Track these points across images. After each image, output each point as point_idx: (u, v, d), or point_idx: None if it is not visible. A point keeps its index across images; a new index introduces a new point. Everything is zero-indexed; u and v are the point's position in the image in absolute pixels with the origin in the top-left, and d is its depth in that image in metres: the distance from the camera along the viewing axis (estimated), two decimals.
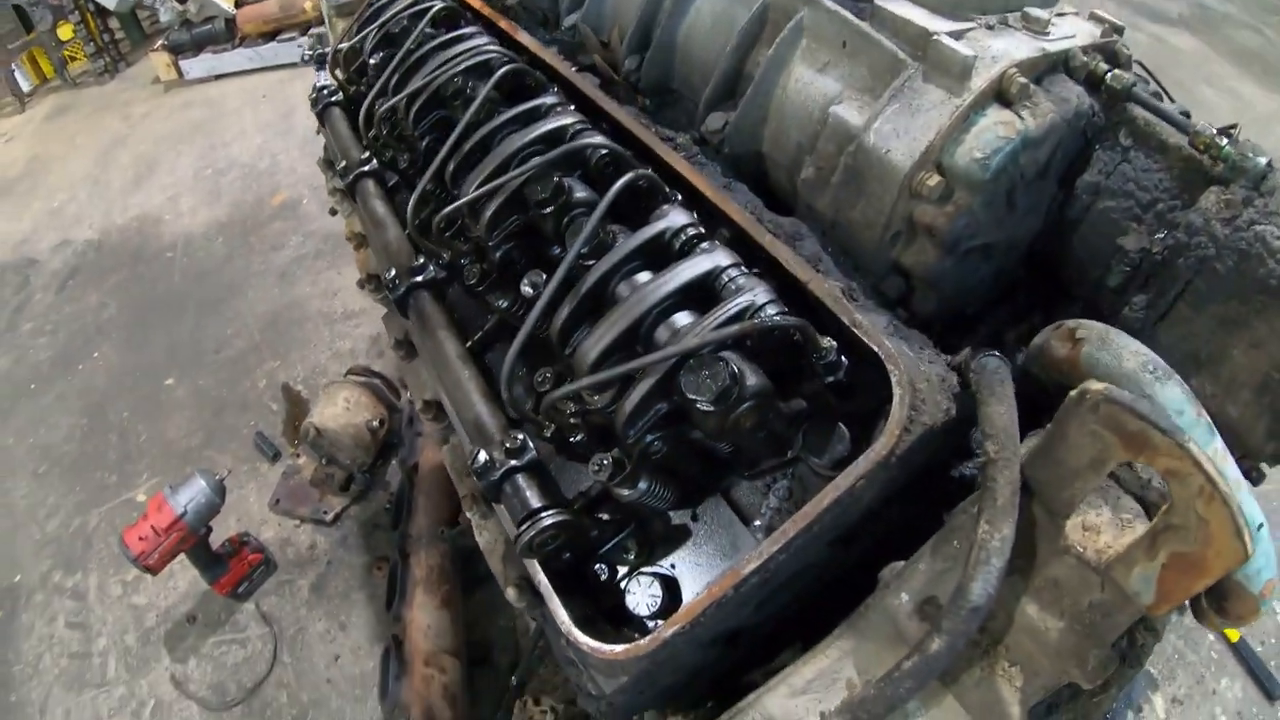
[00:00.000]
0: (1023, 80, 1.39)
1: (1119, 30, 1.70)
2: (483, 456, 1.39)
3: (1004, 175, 1.38)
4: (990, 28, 1.53)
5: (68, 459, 4.24)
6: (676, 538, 1.47)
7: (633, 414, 1.22)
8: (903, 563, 1.31)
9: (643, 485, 1.28)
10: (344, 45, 2.34)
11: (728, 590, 1.16)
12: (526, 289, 1.43)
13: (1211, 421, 1.14)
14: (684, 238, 1.31)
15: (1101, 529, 1.12)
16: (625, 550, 1.42)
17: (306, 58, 2.62)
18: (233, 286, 5.11)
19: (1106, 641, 1.13)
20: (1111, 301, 1.54)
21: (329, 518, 3.85)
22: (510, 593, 1.43)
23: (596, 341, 1.28)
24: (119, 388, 4.55)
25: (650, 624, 1.37)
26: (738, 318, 1.18)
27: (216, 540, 3.45)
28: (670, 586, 1.43)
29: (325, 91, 2.39)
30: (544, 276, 1.44)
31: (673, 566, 1.46)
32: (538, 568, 1.31)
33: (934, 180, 1.34)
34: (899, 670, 1.08)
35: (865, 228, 1.45)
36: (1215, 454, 1.05)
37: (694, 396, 1.12)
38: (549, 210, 1.48)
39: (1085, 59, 1.51)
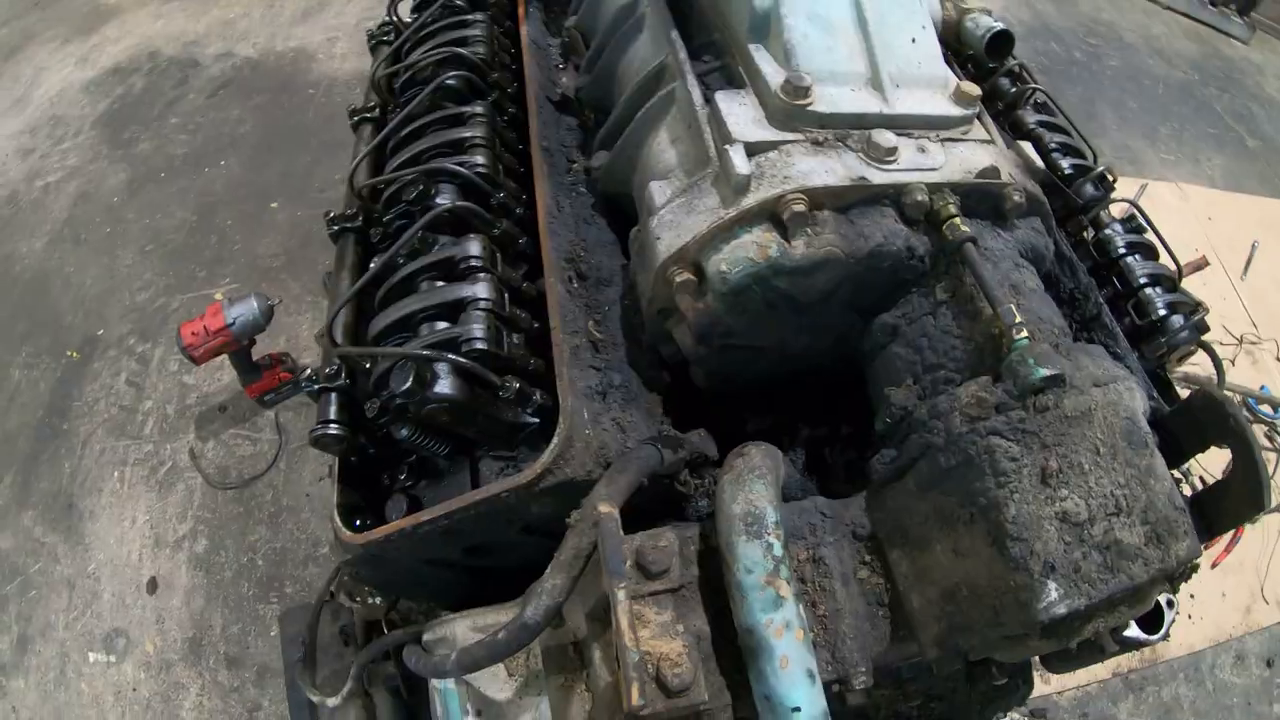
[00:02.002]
0: (799, 208, 1.40)
1: (1036, 171, 1.71)
2: (308, 371, 1.76)
3: (750, 293, 1.44)
4: (821, 143, 1.54)
5: (171, 246, 4.83)
6: (435, 478, 1.79)
7: (375, 383, 1.53)
8: None
9: (404, 432, 1.59)
10: None
11: (392, 532, 1.52)
12: (372, 265, 1.75)
13: (794, 598, 1.19)
14: (466, 265, 1.57)
15: (650, 625, 1.24)
16: (400, 473, 1.76)
17: None
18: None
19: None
20: (874, 443, 1.56)
21: None
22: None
23: (379, 321, 1.59)
24: (231, 197, 5.09)
25: None
26: (448, 344, 1.45)
27: (259, 353, 3.86)
28: (415, 507, 1.76)
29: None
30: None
31: (424, 496, 1.79)
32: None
33: (682, 277, 1.44)
34: (489, 640, 1.38)
35: (643, 295, 1.60)
36: (767, 625, 1.17)
37: (392, 387, 1.42)
38: (413, 209, 1.77)
39: (924, 197, 1.48)
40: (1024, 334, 1.32)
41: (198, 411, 4.22)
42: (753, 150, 1.51)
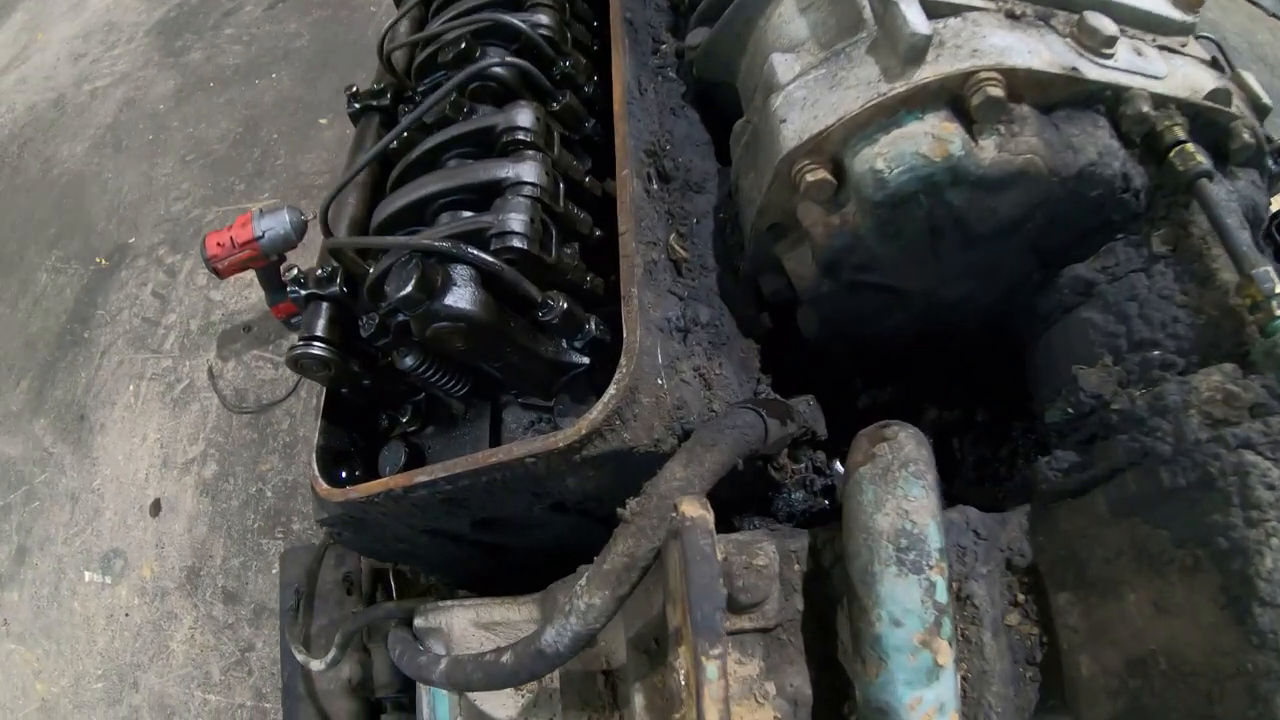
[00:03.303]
0: (995, 92, 0.97)
1: (1263, 110, 1.23)
2: (295, 271, 1.31)
3: (912, 206, 1.00)
4: (1018, 16, 1.07)
5: (213, 156, 4.44)
6: (446, 425, 1.34)
7: (370, 289, 1.06)
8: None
9: (408, 361, 1.14)
10: None
11: (377, 493, 1.10)
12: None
13: (953, 675, 0.80)
14: (509, 139, 1.09)
15: (730, 679, 0.85)
16: (402, 414, 1.33)
17: None
18: None
19: None
20: (1042, 438, 1.14)
21: None
22: None
23: (385, 206, 1.11)
24: (279, 111, 4.67)
25: None
26: (472, 237, 0.97)
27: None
28: (416, 459, 1.32)
29: None
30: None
31: (429, 447, 1.34)
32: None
33: (816, 175, 0.99)
34: (491, 661, 0.93)
35: (748, 204, 1.14)
36: (913, 707, 0.78)
37: (387, 290, 0.95)
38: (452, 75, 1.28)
39: (1150, 111, 1.04)
40: None
41: (221, 329, 3.83)
42: (929, 12, 1.02)
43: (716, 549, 0.73)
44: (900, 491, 0.80)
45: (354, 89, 1.55)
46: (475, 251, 0.93)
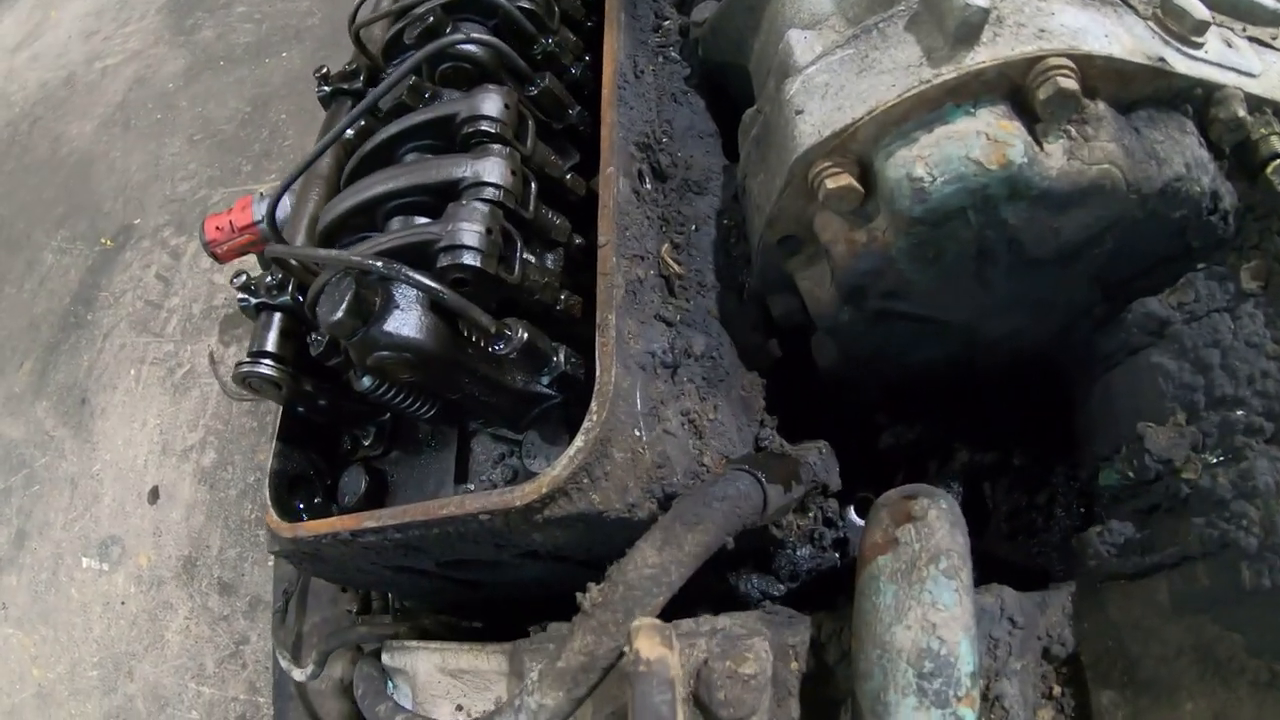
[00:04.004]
0: (1067, 84, 0.76)
1: None
2: (244, 278, 1.14)
3: (958, 224, 0.79)
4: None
5: (220, 136, 4.27)
6: (412, 450, 1.17)
7: (310, 305, 0.88)
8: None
9: (365, 382, 0.96)
10: None
11: (323, 534, 0.96)
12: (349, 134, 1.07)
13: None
14: (471, 130, 0.89)
15: None
16: (365, 436, 1.16)
17: None
18: None
19: None
20: (1091, 495, 0.96)
21: None
22: None
23: (331, 208, 0.93)
24: (289, 91, 4.48)
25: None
26: (417, 250, 0.79)
27: None
28: (378, 487, 1.15)
29: None
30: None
31: (393, 474, 1.17)
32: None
33: (838, 181, 0.78)
34: None
35: (756, 210, 0.93)
36: None
37: (318, 313, 0.77)
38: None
39: (1245, 115, 0.84)
40: None
41: (224, 314, 3.68)
42: None
43: (678, 703, 0.55)
44: (928, 598, 0.62)
45: (324, 70, 1.37)
46: (413, 274, 0.74)
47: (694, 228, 0.97)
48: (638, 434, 0.77)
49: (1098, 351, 0.94)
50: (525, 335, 0.79)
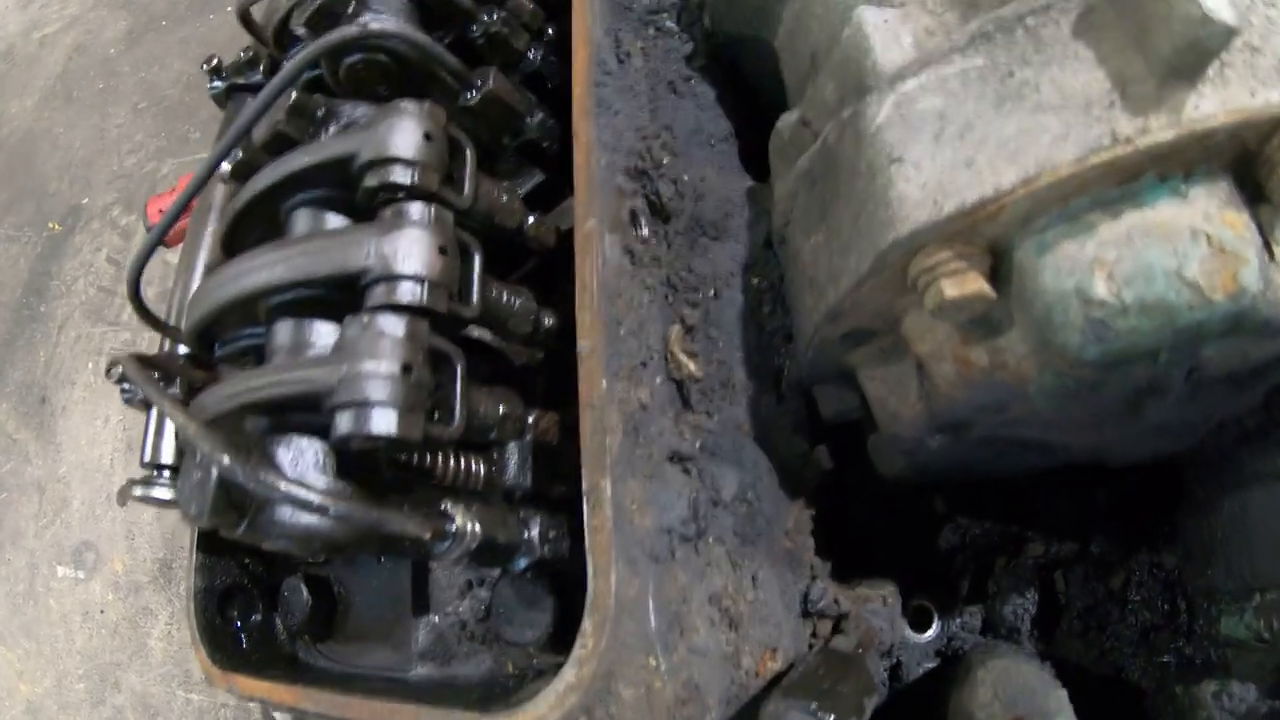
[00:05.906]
0: None
1: None
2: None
3: (1137, 368, 0.49)
4: None
5: (166, 103, 3.80)
6: (361, 559, 0.88)
7: None
8: None
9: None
10: None
11: (274, 702, 0.78)
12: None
13: None
14: (375, 181, 0.55)
15: None
16: None
17: None
18: None
19: None
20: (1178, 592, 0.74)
21: None
22: None
23: (198, 302, 0.61)
24: (235, 47, 4.02)
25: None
26: (302, 403, 0.48)
27: None
28: (326, 604, 0.87)
29: None
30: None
31: (341, 587, 0.89)
32: None
33: (963, 289, 0.47)
34: None
35: (808, 286, 0.59)
36: None
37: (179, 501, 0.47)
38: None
39: None
40: None
41: None
42: None
43: None
44: None
45: (214, 61, 1.03)
46: (294, 489, 0.42)
47: (711, 293, 0.64)
48: (654, 663, 0.47)
49: (1241, 466, 0.65)
50: (475, 529, 0.49)
